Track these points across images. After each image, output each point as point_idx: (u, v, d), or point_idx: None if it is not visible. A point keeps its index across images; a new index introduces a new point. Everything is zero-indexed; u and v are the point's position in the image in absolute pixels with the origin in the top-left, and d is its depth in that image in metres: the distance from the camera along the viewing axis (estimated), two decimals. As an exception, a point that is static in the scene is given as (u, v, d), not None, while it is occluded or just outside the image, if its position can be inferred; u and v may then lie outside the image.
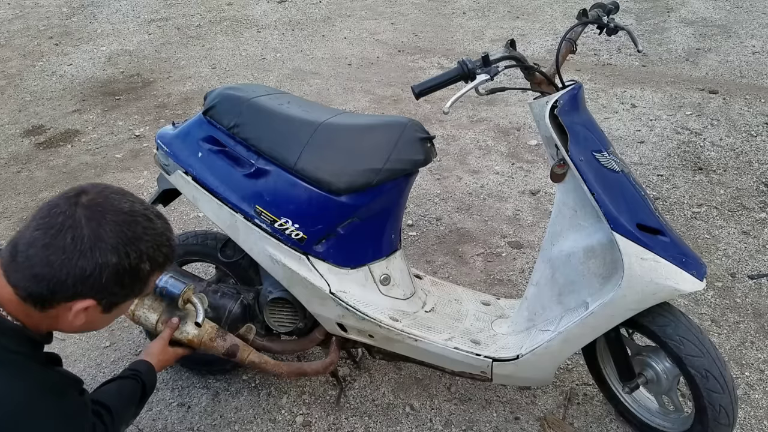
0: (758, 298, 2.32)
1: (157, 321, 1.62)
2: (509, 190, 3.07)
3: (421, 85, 1.44)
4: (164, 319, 1.62)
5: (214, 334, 1.63)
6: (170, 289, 1.59)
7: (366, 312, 1.66)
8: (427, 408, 1.94)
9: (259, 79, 4.48)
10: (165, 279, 1.61)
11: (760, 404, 1.91)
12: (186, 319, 1.62)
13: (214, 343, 1.63)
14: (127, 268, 1.03)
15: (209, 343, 1.62)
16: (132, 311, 1.62)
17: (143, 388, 1.43)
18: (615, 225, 1.44)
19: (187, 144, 1.73)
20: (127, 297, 1.10)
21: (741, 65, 4.34)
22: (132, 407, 1.39)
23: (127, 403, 1.37)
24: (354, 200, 1.62)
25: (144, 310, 1.62)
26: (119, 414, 1.31)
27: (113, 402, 1.32)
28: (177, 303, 1.60)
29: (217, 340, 1.63)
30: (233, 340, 1.66)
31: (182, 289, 1.59)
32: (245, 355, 1.67)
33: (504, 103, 3.95)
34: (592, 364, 1.81)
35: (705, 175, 3.12)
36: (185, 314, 1.63)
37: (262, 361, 1.70)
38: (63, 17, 5.97)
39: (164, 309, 1.63)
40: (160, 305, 1.63)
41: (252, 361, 1.68)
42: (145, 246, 1.05)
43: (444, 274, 2.51)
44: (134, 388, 1.41)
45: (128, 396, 1.39)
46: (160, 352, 1.55)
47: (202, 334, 1.61)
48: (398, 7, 5.97)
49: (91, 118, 4.00)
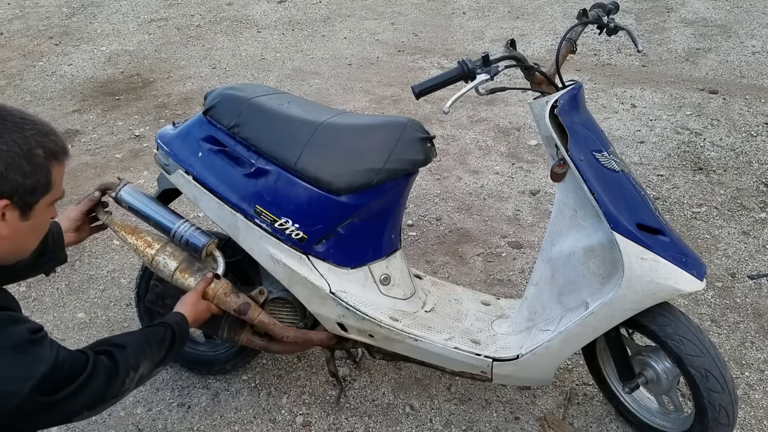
0: (758, 298, 2.32)
1: (175, 269, 1.65)
2: (509, 190, 3.07)
3: (421, 85, 1.44)
4: (183, 267, 1.65)
5: (229, 290, 1.67)
6: (194, 240, 1.64)
7: (366, 312, 1.66)
8: (427, 408, 1.94)
9: (259, 79, 4.48)
10: (190, 230, 1.65)
11: (760, 404, 1.91)
12: (204, 271, 1.66)
13: (228, 298, 1.66)
14: (19, 153, 1.07)
15: (223, 297, 1.66)
16: (152, 256, 1.65)
17: (172, 334, 1.43)
18: (615, 225, 1.44)
19: (188, 144, 1.73)
20: (36, 193, 1.12)
21: (741, 65, 4.34)
22: (159, 350, 1.38)
23: (151, 345, 1.37)
24: (354, 200, 1.62)
25: (165, 257, 1.65)
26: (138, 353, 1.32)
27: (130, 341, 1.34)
28: (200, 254, 1.65)
29: (231, 296, 1.66)
30: (245, 299, 1.69)
31: (207, 241, 1.64)
32: (255, 314, 1.70)
33: (504, 103, 3.95)
34: (592, 364, 1.81)
35: (705, 175, 3.12)
36: (204, 266, 1.68)
37: (270, 322, 1.72)
38: (63, 17, 5.97)
39: (185, 258, 1.67)
40: (181, 254, 1.67)
41: (261, 321, 1.70)
42: (29, 133, 1.11)
43: (444, 274, 2.51)
44: (161, 332, 1.41)
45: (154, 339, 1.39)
46: (194, 302, 1.57)
47: (217, 287, 1.65)
48: (398, 7, 5.98)
49: (91, 118, 4.00)
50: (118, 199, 1.69)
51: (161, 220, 1.68)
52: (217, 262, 1.68)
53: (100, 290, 2.48)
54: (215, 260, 1.69)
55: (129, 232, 1.68)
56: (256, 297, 1.74)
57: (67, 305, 2.41)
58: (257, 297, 1.74)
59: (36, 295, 2.45)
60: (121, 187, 1.69)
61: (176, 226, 1.66)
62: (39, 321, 2.29)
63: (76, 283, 2.52)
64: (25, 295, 2.43)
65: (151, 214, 1.69)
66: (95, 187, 1.70)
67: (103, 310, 2.38)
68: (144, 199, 1.71)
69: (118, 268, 2.58)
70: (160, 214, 1.69)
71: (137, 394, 2.00)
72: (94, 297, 2.44)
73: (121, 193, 1.68)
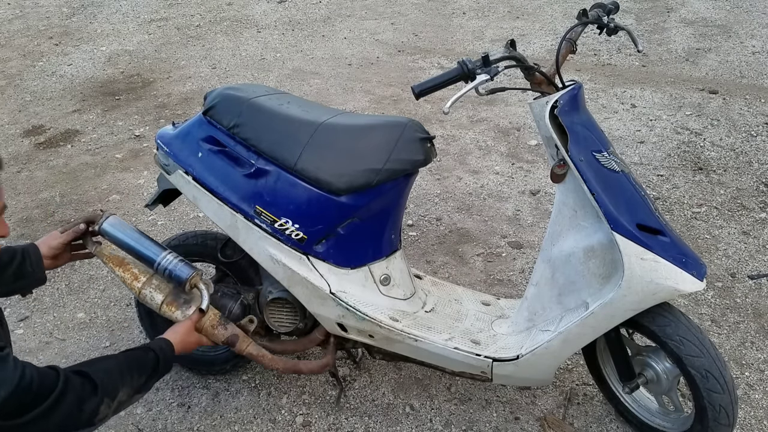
0: (758, 298, 2.32)
1: (162, 302, 1.63)
2: (509, 190, 3.07)
3: (421, 85, 1.44)
4: (169, 300, 1.64)
5: (216, 322, 1.65)
6: (177, 272, 1.62)
7: (366, 312, 1.66)
8: (427, 408, 1.94)
9: (259, 79, 4.48)
10: (174, 262, 1.63)
11: (760, 404, 1.91)
12: (190, 303, 1.64)
13: (215, 331, 1.65)
14: None
15: (210, 330, 1.65)
16: (139, 289, 1.64)
17: (156, 360, 1.41)
18: (615, 225, 1.44)
19: (187, 144, 1.73)
20: None
21: (741, 65, 4.34)
22: (139, 376, 1.35)
23: (131, 370, 1.33)
24: (354, 200, 1.62)
25: (151, 290, 1.64)
26: (116, 377, 1.28)
27: (109, 364, 1.30)
28: (184, 287, 1.62)
29: (219, 328, 1.65)
30: (234, 330, 1.68)
31: (190, 274, 1.62)
32: (244, 345, 1.69)
33: (504, 103, 3.95)
34: (592, 364, 1.81)
35: (705, 175, 3.12)
36: (190, 298, 1.65)
37: (259, 354, 1.72)
38: (63, 17, 5.97)
39: (170, 290, 1.65)
40: (167, 287, 1.65)
41: (250, 352, 1.70)
42: None
43: (444, 274, 2.51)
44: (143, 357, 1.39)
45: (135, 364, 1.36)
46: (186, 332, 1.56)
47: (204, 320, 1.64)
48: (398, 7, 5.97)
49: (91, 118, 4.00)
50: (102, 231, 1.66)
51: (145, 252, 1.64)
52: (201, 295, 1.64)
53: (100, 290, 2.48)
54: (200, 292, 1.65)
55: (116, 264, 1.66)
56: (245, 326, 1.73)
57: (67, 305, 2.41)
58: (247, 326, 1.73)
59: (36, 295, 2.45)
60: (104, 220, 1.65)
61: (159, 258, 1.63)
62: (39, 321, 2.31)
63: (76, 283, 2.52)
64: (25, 296, 2.43)
65: (135, 246, 1.65)
66: (79, 218, 1.67)
67: (103, 310, 2.38)
68: (127, 231, 1.67)
69: (118, 268, 2.58)
70: (143, 246, 1.65)
71: (137, 395, 2.00)
72: (94, 297, 2.44)
73: (104, 226, 1.65)
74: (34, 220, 2.96)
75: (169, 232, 2.81)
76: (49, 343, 2.23)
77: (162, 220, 2.92)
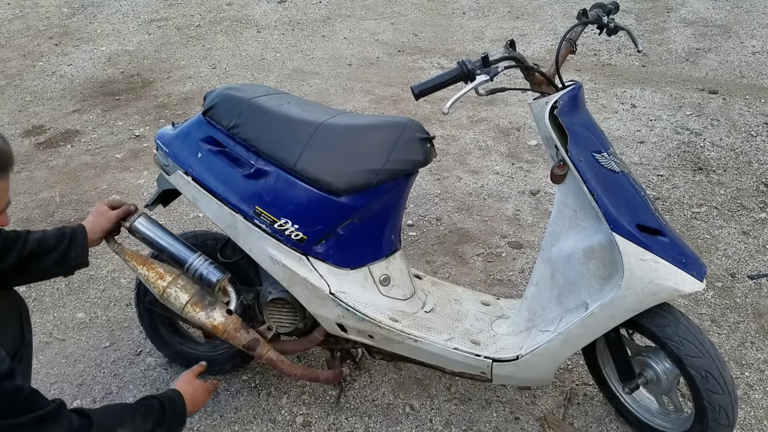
0: (758, 298, 2.32)
1: (187, 302, 1.65)
2: (509, 190, 3.07)
3: (420, 85, 1.44)
4: (195, 300, 1.66)
5: (239, 325, 1.68)
6: (209, 274, 1.65)
7: (366, 312, 1.66)
8: (427, 408, 1.94)
9: (259, 79, 4.48)
10: (205, 264, 1.66)
11: (760, 404, 1.91)
12: (215, 305, 1.68)
13: (238, 334, 1.68)
14: None
15: (233, 332, 1.68)
16: (164, 288, 1.65)
17: (162, 408, 1.39)
18: (615, 226, 1.44)
19: (187, 144, 1.73)
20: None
21: (741, 65, 4.34)
22: (143, 420, 1.34)
23: (132, 413, 1.33)
24: (354, 201, 1.62)
25: (176, 289, 1.66)
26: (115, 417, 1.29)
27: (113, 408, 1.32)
28: (213, 289, 1.65)
29: (241, 332, 1.69)
30: (255, 335, 1.71)
31: (221, 277, 1.65)
32: (264, 351, 1.73)
33: (504, 103, 3.95)
34: (592, 364, 1.81)
35: (705, 175, 3.11)
36: (215, 300, 1.68)
37: (278, 360, 1.76)
38: (63, 17, 5.97)
39: (196, 291, 1.67)
40: (192, 287, 1.67)
41: (269, 357, 1.74)
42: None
43: (444, 274, 2.51)
44: (146, 403, 1.39)
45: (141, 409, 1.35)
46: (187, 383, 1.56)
47: (228, 323, 1.66)
48: (398, 7, 5.97)
49: (91, 118, 4.00)
50: (133, 229, 1.68)
51: (176, 253, 1.67)
52: (229, 297, 1.68)
53: (100, 290, 2.48)
54: (227, 295, 1.69)
55: (140, 262, 1.68)
56: (264, 333, 1.76)
57: (67, 305, 2.41)
58: (265, 333, 1.76)
59: (36, 295, 2.45)
60: (136, 218, 1.68)
61: (191, 259, 1.66)
62: (39, 321, 2.31)
63: (76, 283, 2.52)
64: (25, 295, 2.41)
65: (166, 246, 1.68)
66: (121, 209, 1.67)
67: (103, 310, 2.38)
68: (158, 230, 1.70)
69: (118, 268, 2.58)
70: (174, 246, 1.69)
71: (137, 394, 2.00)
72: (94, 297, 2.44)
73: (136, 224, 1.68)
74: (34, 220, 2.96)
75: (169, 232, 2.81)
76: (49, 343, 2.23)
77: (162, 220, 2.92)
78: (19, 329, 1.42)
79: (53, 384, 2.06)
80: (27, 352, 1.44)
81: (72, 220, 2.95)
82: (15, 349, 1.38)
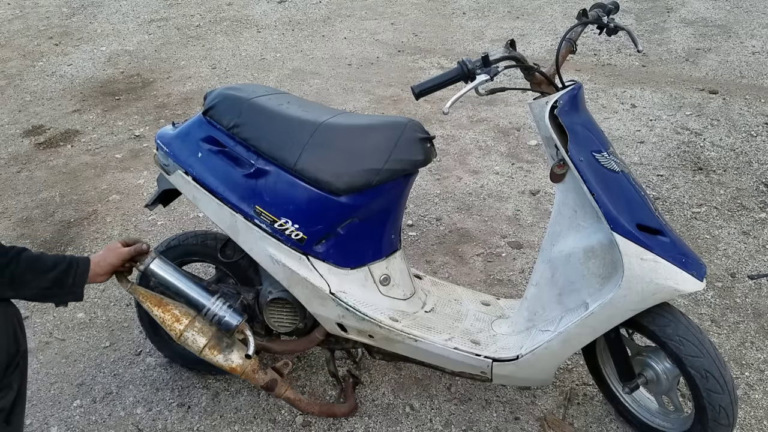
0: (758, 298, 2.32)
1: (204, 345, 1.66)
2: (509, 190, 3.07)
3: (420, 85, 1.44)
4: (212, 344, 1.67)
5: (257, 367, 1.71)
6: (228, 318, 1.66)
7: (366, 312, 1.66)
8: (427, 408, 1.94)
9: (259, 79, 4.48)
10: (224, 308, 1.66)
11: (760, 404, 1.91)
12: (232, 348, 1.69)
13: (256, 375, 1.71)
14: None
15: (251, 374, 1.70)
16: (180, 332, 1.64)
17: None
18: (615, 225, 1.44)
19: (187, 144, 1.73)
20: None
21: (741, 65, 4.34)
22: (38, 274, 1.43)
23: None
24: (354, 200, 1.62)
25: (193, 332, 1.65)
26: None
27: None
28: (232, 333, 1.67)
29: (259, 373, 1.71)
30: (273, 375, 1.74)
31: (239, 321, 1.66)
32: (282, 390, 1.76)
33: (504, 103, 3.95)
34: (592, 364, 1.81)
35: (705, 175, 3.11)
36: (232, 342, 1.70)
37: (296, 398, 1.80)
38: (63, 17, 5.97)
39: (213, 334, 1.68)
40: (209, 330, 1.67)
41: (288, 396, 1.78)
42: None
43: (444, 274, 2.51)
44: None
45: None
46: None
47: (246, 365, 1.68)
48: (398, 7, 5.97)
49: (91, 118, 4.00)
50: (149, 272, 1.65)
51: (195, 297, 1.66)
52: (249, 342, 1.68)
53: (100, 290, 2.48)
54: (246, 340, 1.69)
55: (155, 304, 1.66)
56: (280, 369, 1.78)
57: (67, 305, 2.40)
58: (282, 369, 1.78)
59: (36, 295, 2.45)
60: (150, 261, 1.64)
61: (209, 304, 1.65)
62: (39, 321, 2.31)
63: (76, 284, 2.51)
64: (25, 296, 2.43)
65: (184, 289, 1.66)
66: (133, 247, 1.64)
67: (103, 310, 2.38)
68: (175, 272, 1.67)
69: (118, 269, 2.58)
70: (193, 289, 1.67)
71: (137, 394, 2.00)
72: (94, 297, 2.44)
73: (152, 267, 1.64)
74: (34, 220, 2.96)
75: (169, 232, 2.81)
76: (49, 343, 2.23)
77: (162, 220, 2.92)
78: (13, 338, 1.42)
79: (53, 384, 2.06)
80: (22, 360, 1.45)
81: (72, 220, 2.95)
82: (9, 359, 1.39)
